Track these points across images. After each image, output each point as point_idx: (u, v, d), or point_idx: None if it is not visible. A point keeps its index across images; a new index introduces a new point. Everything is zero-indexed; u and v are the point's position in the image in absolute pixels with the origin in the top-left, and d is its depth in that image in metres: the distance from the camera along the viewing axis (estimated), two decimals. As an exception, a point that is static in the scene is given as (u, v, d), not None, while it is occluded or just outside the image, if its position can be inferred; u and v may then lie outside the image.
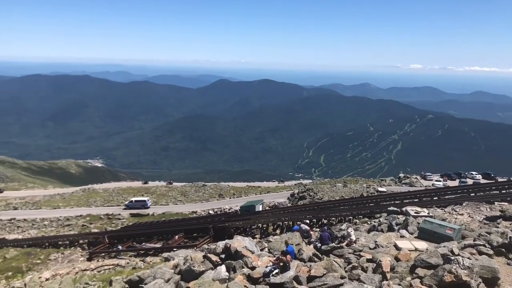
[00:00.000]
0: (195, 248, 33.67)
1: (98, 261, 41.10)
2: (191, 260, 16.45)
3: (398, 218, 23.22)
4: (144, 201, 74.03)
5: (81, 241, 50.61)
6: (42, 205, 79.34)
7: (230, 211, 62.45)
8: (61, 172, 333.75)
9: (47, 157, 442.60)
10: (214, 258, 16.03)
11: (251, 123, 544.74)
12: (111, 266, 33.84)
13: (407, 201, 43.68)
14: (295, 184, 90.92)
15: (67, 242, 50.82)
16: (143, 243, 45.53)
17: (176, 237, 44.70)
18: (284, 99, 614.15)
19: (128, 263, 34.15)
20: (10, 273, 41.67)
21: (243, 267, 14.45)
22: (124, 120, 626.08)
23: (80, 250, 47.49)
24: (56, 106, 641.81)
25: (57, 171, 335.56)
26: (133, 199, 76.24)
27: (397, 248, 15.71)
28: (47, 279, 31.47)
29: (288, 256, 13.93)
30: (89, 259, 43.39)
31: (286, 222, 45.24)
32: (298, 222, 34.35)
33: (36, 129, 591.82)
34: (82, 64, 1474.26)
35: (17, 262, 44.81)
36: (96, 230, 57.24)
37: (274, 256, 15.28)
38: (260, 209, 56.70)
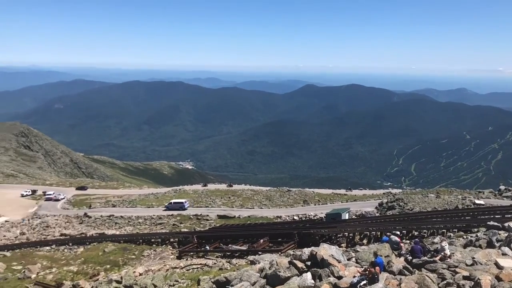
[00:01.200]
0: (280, 253, 33.77)
1: (187, 259, 42.75)
2: (277, 265, 16.48)
3: (500, 234, 21.34)
4: (182, 203, 76.52)
5: (171, 240, 52.96)
6: (137, 203, 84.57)
7: (315, 218, 61.81)
8: (155, 173, 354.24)
9: (143, 159, 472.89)
10: (300, 264, 15.91)
11: (337, 129, 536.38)
12: (199, 266, 35.02)
13: (509, 216, 40.08)
14: (384, 193, 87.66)
15: (159, 240, 53.47)
16: (230, 245, 46.55)
17: (261, 240, 45.11)
18: (372, 105, 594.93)
19: (215, 263, 35.14)
20: (108, 266, 44.86)
21: (329, 276, 14.17)
22: (213, 124, 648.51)
23: (171, 248, 49.74)
24: (152, 111, 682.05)
25: (152, 172, 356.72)
26: (172, 201, 79.19)
27: (498, 266, 14.43)
28: (140, 274, 33.40)
29: (377, 267, 13.42)
30: (179, 257, 45.26)
31: (374, 233, 43.71)
32: (388, 233, 33.03)
33: (134, 132, 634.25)
34: (176, 71, 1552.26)
35: (114, 256, 48.08)
36: (185, 230, 59.65)
37: (362, 267, 14.81)
38: (347, 217, 55.40)
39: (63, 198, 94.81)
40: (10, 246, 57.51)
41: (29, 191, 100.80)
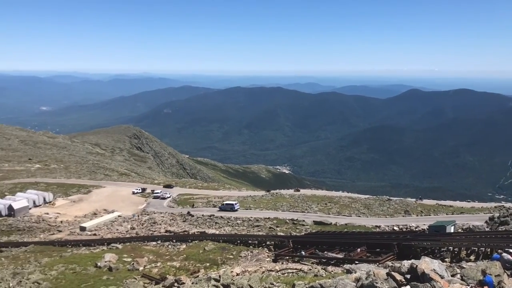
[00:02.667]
0: (377, 263, 32.60)
1: (282, 263, 43.06)
2: (374, 275, 15.96)
3: None
4: (232, 204, 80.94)
5: (268, 243, 53.66)
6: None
7: (416, 229, 58.71)
8: (253, 176, 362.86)
9: (242, 162, 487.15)
10: (399, 277, 15.24)
11: (443, 136, 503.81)
12: (294, 270, 35.09)
13: None
14: (495, 207, 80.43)
15: (256, 242, 54.47)
16: (325, 252, 45.97)
17: (358, 250, 43.93)
18: (484, 111, 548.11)
19: (310, 269, 34.93)
20: (207, 264, 46.78)
21: (430, 292, 13.40)
22: (311, 129, 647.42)
23: (267, 251, 50.43)
24: (251, 116, 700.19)
25: (250, 175, 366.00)
26: (225, 202, 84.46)
27: None
28: (237, 274, 34.32)
29: (486, 287, 12.42)
30: (275, 261, 45.71)
31: (483, 249, 40.30)
32: (499, 251, 30.24)
33: (234, 136, 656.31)
34: (276, 77, 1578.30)
35: (213, 254, 50.01)
36: (281, 234, 60.14)
37: (468, 285, 13.79)
38: (452, 230, 51.76)
39: (169, 197, 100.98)
40: (121, 239, 62.54)
41: (139, 189, 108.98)
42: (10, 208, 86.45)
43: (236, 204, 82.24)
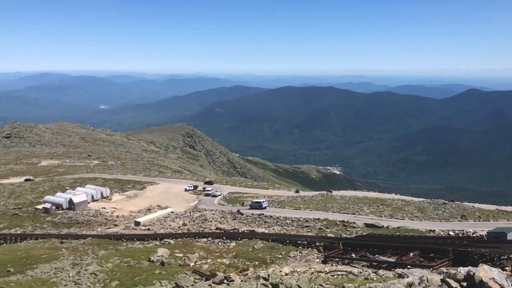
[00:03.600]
0: (431, 269, 31.50)
1: (332, 265, 42.56)
2: (427, 281, 15.47)
3: None
4: (260, 202, 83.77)
5: (317, 243, 53.18)
6: (285, 205, 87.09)
7: (474, 235, 56.16)
8: (303, 176, 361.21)
9: (292, 162, 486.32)
10: (454, 284, 14.67)
11: (505, 138, 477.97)
12: (344, 272, 34.58)
13: None
14: None
15: (305, 242, 54.11)
16: (376, 255, 44.98)
17: (411, 254, 42.61)
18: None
19: (360, 272, 34.29)
20: (256, 262, 47.08)
21: (489, 301, 12.82)
22: (363, 130, 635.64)
23: (316, 252, 50.00)
24: (302, 115, 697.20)
25: (300, 175, 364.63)
26: (254, 200, 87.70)
27: None
28: (286, 274, 34.32)
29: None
30: (324, 262, 45.26)
31: (548, 258, 37.98)
32: None
33: (285, 135, 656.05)
34: (328, 76, 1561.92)
35: (262, 253, 50.22)
36: (331, 235, 59.40)
37: (530, 297, 13.05)
38: (513, 238, 49.15)
39: (220, 195, 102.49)
40: (174, 235, 64.15)
41: (191, 186, 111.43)
42: (70, 202, 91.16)
43: (264, 202, 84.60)
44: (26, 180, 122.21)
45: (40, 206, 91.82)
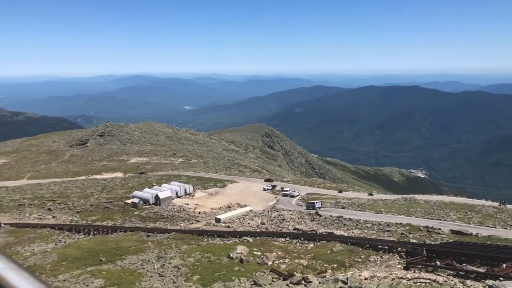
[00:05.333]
0: (527, 283, 29.06)
1: (414, 272, 40.82)
2: (522, 296, 14.32)
3: None
4: (314, 203, 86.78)
5: (399, 249, 51.29)
6: (365, 208, 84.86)
7: None
8: (385, 179, 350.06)
9: (373, 163, 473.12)
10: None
11: None
12: (427, 280, 33.01)
13: None
14: None
15: (386, 247, 52.38)
16: (464, 264, 42.42)
17: (504, 265, 39.56)
18: None
19: (445, 281, 32.54)
20: (335, 265, 46.36)
21: None
22: (451, 131, 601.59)
23: (398, 258, 48.21)
24: (384, 116, 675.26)
25: (381, 177, 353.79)
26: (310, 201, 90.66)
27: None
28: (365, 278, 33.50)
29: None
30: (406, 268, 43.56)
31: None
32: None
33: (366, 136, 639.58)
34: (413, 75, 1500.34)
35: (341, 256, 49.36)
36: (414, 241, 56.99)
37: None
38: None
39: (298, 195, 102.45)
40: (252, 233, 65.17)
41: (269, 186, 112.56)
42: (156, 197, 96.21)
43: (317, 202, 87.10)
44: (140, 173, 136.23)
45: (129, 201, 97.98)
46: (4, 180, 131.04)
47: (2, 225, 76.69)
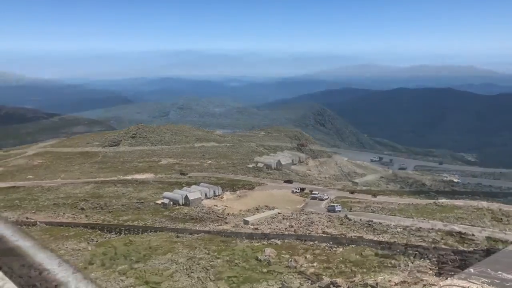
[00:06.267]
0: None
1: (446, 278, 40.00)
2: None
3: None
4: (334, 206, 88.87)
5: (430, 255, 50.41)
6: (396, 212, 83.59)
7: None
8: (414, 183, 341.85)
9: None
10: None
11: None
12: (460, 288, 32.33)
13: None
14: None
15: (417, 252, 51.48)
16: (499, 272, 41.25)
17: (541, 274, 38.32)
18: None
19: (480, 289, 31.79)
20: (364, 270, 45.77)
21: None
22: (484, 135, 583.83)
23: (429, 264, 47.32)
24: (417, 118, 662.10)
25: (411, 181, 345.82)
26: (330, 204, 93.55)
27: None
28: (396, 284, 33.06)
29: None
30: (438, 275, 42.72)
31: None
32: None
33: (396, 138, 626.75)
34: (446, 77, 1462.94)
35: (370, 261, 48.67)
36: (446, 247, 55.80)
37: None
38: None
39: (327, 199, 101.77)
40: (280, 236, 65.15)
41: (298, 189, 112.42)
42: (186, 198, 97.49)
43: (337, 206, 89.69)
44: (181, 174, 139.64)
45: (159, 201, 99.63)
46: (40, 180, 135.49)
47: (38, 223, 79.33)
